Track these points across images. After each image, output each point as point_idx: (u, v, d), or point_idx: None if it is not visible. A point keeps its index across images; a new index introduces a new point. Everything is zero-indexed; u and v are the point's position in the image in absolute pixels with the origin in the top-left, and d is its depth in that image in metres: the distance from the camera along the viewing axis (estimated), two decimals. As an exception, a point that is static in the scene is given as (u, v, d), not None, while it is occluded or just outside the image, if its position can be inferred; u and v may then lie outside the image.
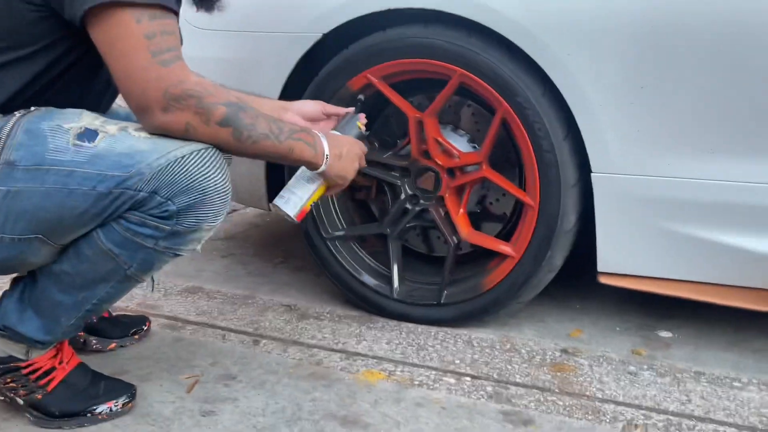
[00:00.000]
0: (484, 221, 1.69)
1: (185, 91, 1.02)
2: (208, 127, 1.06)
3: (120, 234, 1.06)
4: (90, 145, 1.03)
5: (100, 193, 1.02)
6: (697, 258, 1.37)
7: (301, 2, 1.56)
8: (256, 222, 2.51)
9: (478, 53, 1.41)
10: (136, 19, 0.99)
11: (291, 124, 1.20)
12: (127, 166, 1.02)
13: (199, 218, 1.08)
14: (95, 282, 1.11)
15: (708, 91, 1.28)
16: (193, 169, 1.04)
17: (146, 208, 1.05)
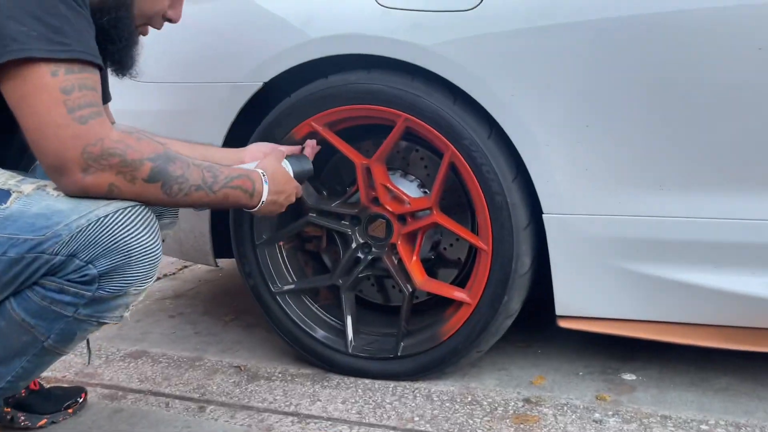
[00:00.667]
0: (440, 267, 1.64)
1: (105, 149, 0.95)
2: (135, 186, 1.00)
3: (35, 303, 0.98)
4: (2, 207, 0.95)
5: (12, 258, 0.94)
6: (655, 297, 1.34)
7: (240, 52, 1.52)
8: (206, 278, 2.42)
9: (422, 97, 1.38)
10: (51, 72, 0.92)
11: (230, 171, 1.13)
12: (42, 228, 0.94)
13: (124, 282, 1.00)
14: (9, 357, 1.01)
15: (654, 126, 1.27)
16: (117, 228, 0.97)
17: (64, 273, 0.97)
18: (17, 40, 0.90)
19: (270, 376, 1.59)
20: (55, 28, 0.92)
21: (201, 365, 1.66)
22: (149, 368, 1.66)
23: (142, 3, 1.10)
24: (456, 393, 1.47)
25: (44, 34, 0.91)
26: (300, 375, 1.59)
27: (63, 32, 0.92)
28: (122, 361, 1.70)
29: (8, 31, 0.90)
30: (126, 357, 1.73)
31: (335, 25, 1.43)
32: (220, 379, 1.58)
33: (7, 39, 0.90)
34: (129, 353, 1.75)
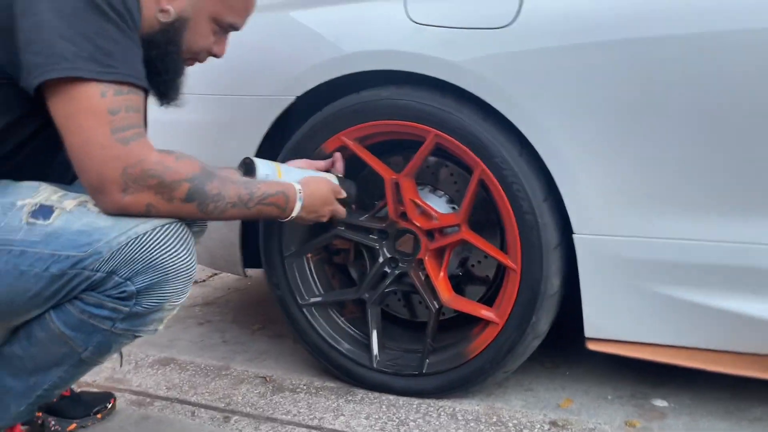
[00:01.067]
0: (467, 284, 1.63)
1: (145, 171, 0.98)
2: (172, 205, 1.02)
3: (75, 316, 1.00)
4: (44, 223, 0.97)
5: (54, 274, 0.96)
6: (687, 322, 1.31)
7: (274, 66, 1.53)
8: (236, 286, 2.44)
9: (453, 113, 1.38)
10: (101, 93, 0.95)
11: (267, 187, 1.15)
12: (83, 246, 0.96)
13: (160, 298, 1.02)
14: (47, 366, 1.03)
15: (689, 148, 1.25)
16: (155, 246, 0.99)
17: (103, 288, 0.99)
18: (67, 59, 0.92)
19: (295, 388, 1.59)
20: (105, 50, 0.94)
21: (227, 374, 1.68)
22: (177, 375, 1.68)
23: (190, 40, 1.13)
24: (481, 413, 1.45)
25: (94, 55, 0.93)
26: (324, 388, 1.59)
27: (112, 54, 0.95)
28: (151, 368, 1.73)
29: (59, 49, 0.92)
30: (155, 363, 1.75)
31: (368, 41, 1.44)
32: (245, 389, 1.59)
33: (57, 57, 0.92)
34: (158, 360, 1.78)
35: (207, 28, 1.15)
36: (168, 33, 1.10)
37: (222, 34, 1.19)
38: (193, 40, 1.14)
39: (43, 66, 0.92)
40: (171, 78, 1.13)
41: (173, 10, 1.08)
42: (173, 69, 1.12)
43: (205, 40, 1.16)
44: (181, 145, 1.20)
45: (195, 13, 1.11)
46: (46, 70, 0.92)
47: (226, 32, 1.20)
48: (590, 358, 1.67)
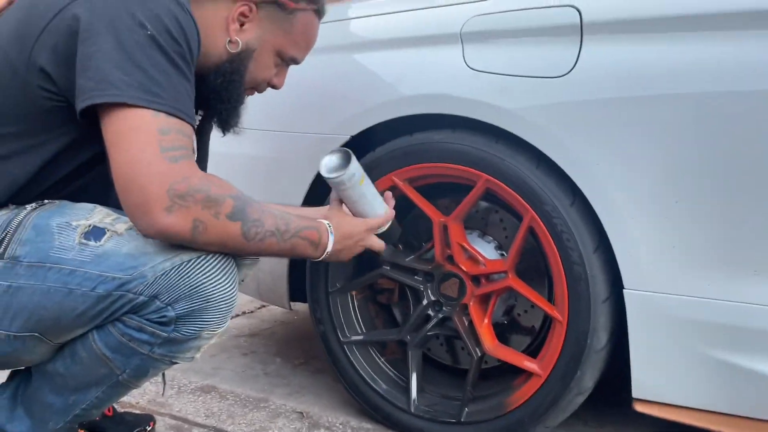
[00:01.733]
0: (512, 333, 1.59)
1: (191, 186, 0.96)
2: (219, 221, 0.99)
3: (115, 338, 1.02)
4: (95, 244, 1.00)
5: (100, 294, 0.99)
6: (744, 390, 1.24)
7: (330, 105, 1.57)
8: (283, 319, 2.46)
9: (504, 159, 1.37)
10: (153, 114, 0.96)
11: (300, 221, 1.12)
12: (130, 268, 0.99)
13: (199, 326, 1.03)
14: (87, 386, 1.06)
15: (750, 207, 1.20)
16: (198, 273, 1.01)
17: (145, 312, 1.01)
18: (117, 87, 0.95)
19: (331, 426, 1.58)
20: (157, 82, 0.96)
21: (266, 407, 1.68)
22: (216, 404, 1.69)
23: (254, 70, 1.18)
24: (519, 468, 1.40)
25: (144, 85, 0.95)
26: (361, 429, 1.57)
27: (162, 86, 0.97)
28: (192, 394, 1.75)
29: (111, 77, 0.95)
30: (196, 390, 1.78)
31: (425, 84, 1.46)
32: (282, 423, 1.59)
33: (107, 83, 0.95)
34: (199, 387, 1.80)
35: (270, 60, 1.20)
36: (234, 63, 1.15)
37: (283, 66, 1.24)
38: (256, 70, 1.18)
39: (92, 90, 0.95)
40: (233, 106, 1.18)
41: (241, 42, 1.14)
42: (236, 97, 1.17)
43: (268, 72, 1.21)
44: (235, 178, 1.21)
45: (261, 45, 1.16)
46: (94, 95, 0.95)
47: (287, 65, 1.25)
48: (638, 421, 1.60)
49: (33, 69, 1.00)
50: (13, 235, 1.02)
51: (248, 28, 1.14)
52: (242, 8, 1.12)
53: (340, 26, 1.60)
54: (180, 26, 1.00)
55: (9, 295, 1.00)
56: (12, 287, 1.00)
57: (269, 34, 1.16)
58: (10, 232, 1.02)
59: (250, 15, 1.13)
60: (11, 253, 1.01)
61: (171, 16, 0.99)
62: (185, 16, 1.01)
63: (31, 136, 1.04)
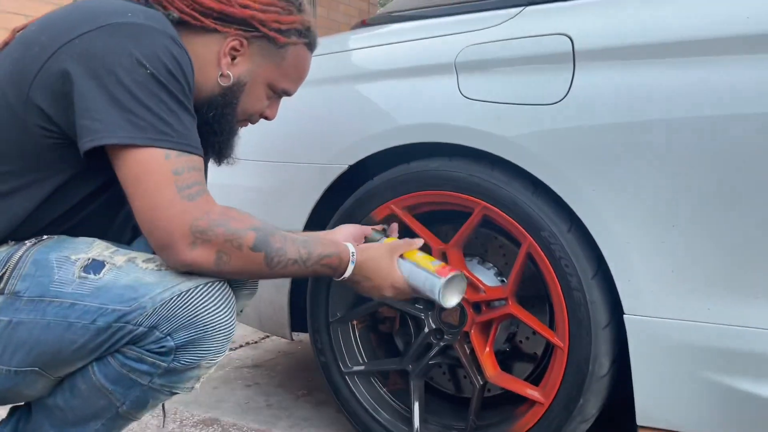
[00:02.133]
0: (515, 361, 1.58)
1: (212, 221, 1.00)
2: (242, 253, 1.03)
3: (115, 369, 1.02)
4: (95, 277, 1.01)
5: (99, 327, 0.99)
6: (750, 416, 1.22)
7: (328, 135, 1.59)
8: (286, 349, 2.45)
9: (501, 187, 1.38)
10: (165, 155, 0.99)
11: (323, 248, 1.13)
12: (129, 300, 0.99)
13: (198, 355, 1.03)
14: (87, 419, 1.06)
15: (750, 231, 1.19)
16: (196, 303, 1.01)
17: (144, 343, 1.01)
18: (123, 128, 0.97)
19: (333, 458, 1.57)
20: (162, 119, 0.99)
21: (268, 439, 1.67)
22: (218, 437, 1.68)
23: (246, 102, 1.20)
24: (523, 499, 1.38)
25: (153, 124, 0.98)
26: (363, 460, 1.55)
27: (169, 124, 0.99)
28: (194, 427, 1.74)
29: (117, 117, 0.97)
30: (198, 423, 1.76)
31: (421, 114, 1.47)
32: (283, 456, 1.57)
33: (114, 125, 0.97)
34: (202, 420, 1.79)
35: (262, 93, 1.21)
36: (226, 96, 1.16)
37: (275, 98, 1.26)
38: (248, 103, 1.20)
39: (99, 131, 0.97)
40: (226, 138, 1.19)
41: (233, 75, 1.15)
42: (228, 129, 1.18)
43: (260, 104, 1.22)
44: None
45: (252, 78, 1.18)
46: (103, 136, 0.97)
47: (279, 97, 1.26)
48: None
49: (31, 108, 1.01)
50: (13, 270, 1.02)
51: (240, 62, 1.16)
52: (233, 43, 1.14)
53: (337, 57, 1.62)
54: (177, 62, 1.01)
55: (9, 330, 1.00)
56: (12, 322, 1.00)
57: (261, 67, 1.18)
58: (10, 267, 1.03)
59: (241, 49, 1.15)
60: (11, 288, 1.01)
61: (168, 53, 1.00)
62: (180, 51, 1.03)
63: (32, 173, 1.05)
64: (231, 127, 1.20)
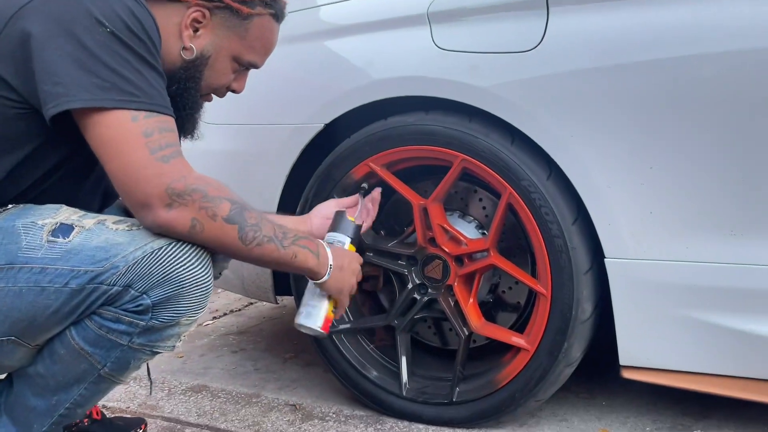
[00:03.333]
0: (499, 311, 1.60)
1: (188, 185, 0.98)
2: (215, 223, 1.01)
3: (93, 331, 1.01)
4: (64, 241, 0.99)
5: (73, 289, 0.98)
6: (729, 350, 1.25)
7: (302, 94, 1.56)
8: (270, 315, 2.45)
9: (479, 138, 1.37)
10: (132, 117, 0.96)
11: (295, 231, 1.14)
12: (101, 261, 0.98)
13: (176, 312, 1.02)
14: (69, 384, 1.05)
15: (725, 169, 1.21)
16: (170, 260, 1.00)
17: (120, 303, 1.00)
18: (89, 90, 0.94)
19: (324, 416, 1.58)
20: (127, 80, 0.96)
21: (258, 402, 1.68)
22: (208, 403, 1.68)
23: (210, 77, 1.16)
24: (513, 443, 1.41)
25: (117, 85, 0.95)
26: (354, 417, 1.57)
27: (134, 84, 0.97)
28: (183, 395, 1.74)
29: (80, 80, 0.94)
30: (187, 390, 1.77)
31: (395, 67, 1.45)
32: (275, 417, 1.58)
33: (78, 88, 0.94)
34: (190, 387, 1.79)
35: (227, 66, 1.17)
36: (189, 70, 1.12)
37: (242, 71, 1.21)
38: (213, 77, 1.16)
39: (62, 96, 0.94)
40: (189, 113, 1.16)
41: (195, 48, 1.11)
42: (191, 104, 1.15)
43: (225, 77, 1.18)
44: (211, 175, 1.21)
45: (216, 51, 1.13)
46: (68, 100, 0.94)
47: (246, 69, 1.22)
48: (629, 389, 1.62)
49: None
50: None
51: (202, 34, 1.11)
52: (195, 14, 1.10)
53: (306, 14, 1.59)
54: (137, 20, 0.98)
55: None
56: None
57: (224, 40, 1.13)
58: None
59: (203, 21, 1.10)
60: None
61: (127, 10, 0.97)
62: (141, 9, 0.99)
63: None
64: (194, 102, 1.16)
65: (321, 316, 1.26)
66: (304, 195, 1.57)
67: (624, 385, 1.61)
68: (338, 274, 1.19)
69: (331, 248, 1.20)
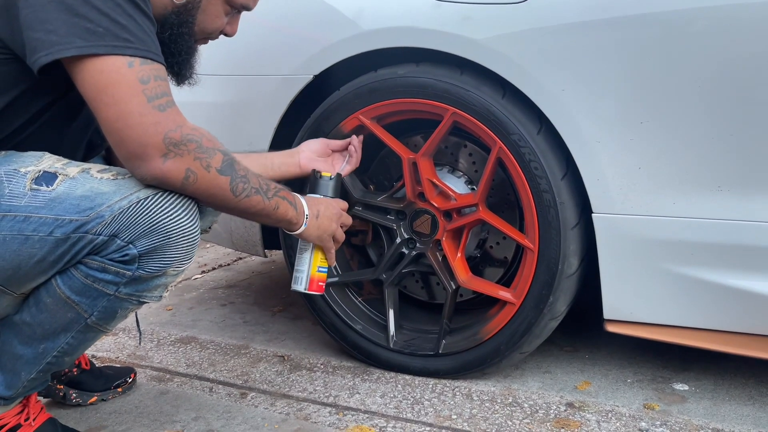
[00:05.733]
0: (486, 266, 1.61)
1: (185, 135, 0.98)
2: (209, 174, 1.02)
3: (79, 281, 1.01)
4: (47, 189, 0.98)
5: (58, 238, 0.97)
6: (710, 304, 1.27)
7: (291, 45, 1.53)
8: (259, 270, 2.46)
9: (470, 91, 1.36)
10: (128, 63, 0.95)
11: (275, 183, 1.17)
12: (86, 210, 0.97)
13: (163, 263, 1.02)
14: (55, 332, 1.05)
15: (713, 125, 1.21)
16: (157, 209, 0.99)
17: (106, 252, 1.00)
18: (83, 37, 0.92)
19: (312, 367, 1.60)
20: (121, 25, 0.94)
21: (246, 353, 1.69)
22: (197, 354, 1.70)
23: (203, 21, 1.14)
24: (497, 393, 1.44)
25: (110, 30, 0.93)
26: (341, 367, 1.59)
27: (128, 29, 0.95)
28: (172, 346, 1.75)
29: (73, 27, 0.92)
30: (176, 342, 1.78)
31: (386, 17, 1.43)
32: (263, 368, 1.60)
33: (72, 36, 0.92)
34: (179, 338, 1.80)
35: (219, 9, 1.15)
36: (181, 15, 1.10)
37: (234, 14, 1.20)
38: (205, 21, 1.14)
39: (56, 44, 0.92)
40: (184, 59, 1.14)
41: None
42: (185, 50, 1.13)
43: (218, 21, 1.16)
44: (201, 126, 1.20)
45: None
46: (61, 48, 0.92)
47: (238, 12, 1.20)
48: (612, 343, 1.65)
49: None
50: None
51: None
52: None
53: (296, -38, 1.55)
54: None
55: None
56: None
57: None
58: None
59: None
60: None
61: None
62: None
63: None
64: (189, 47, 1.14)
65: (304, 279, 1.35)
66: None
67: (606, 339, 1.64)
68: (314, 222, 1.24)
69: (306, 198, 1.25)
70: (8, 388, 1.09)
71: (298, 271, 1.36)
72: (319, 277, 1.36)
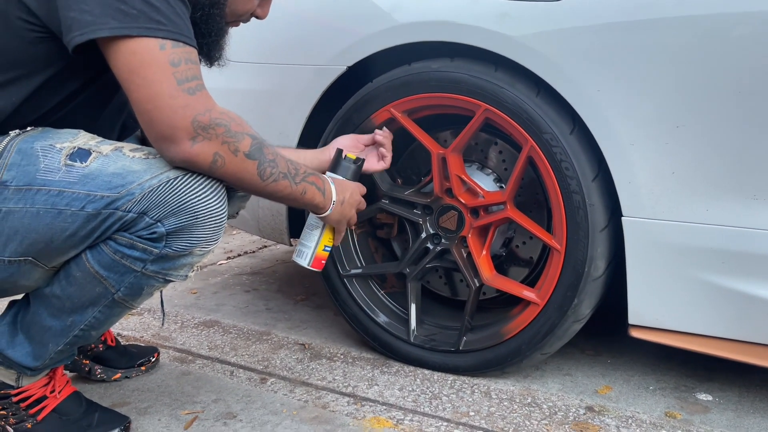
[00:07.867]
0: (511, 265, 1.60)
1: (213, 119, 1.00)
2: (236, 158, 1.03)
3: (108, 256, 1.03)
4: (81, 165, 1.01)
5: (89, 213, 0.99)
6: (739, 314, 1.25)
7: (326, 35, 1.54)
8: (284, 258, 2.48)
9: (504, 88, 1.35)
10: (160, 46, 0.96)
11: (305, 167, 1.18)
12: (117, 187, 0.99)
13: (190, 242, 1.04)
14: (83, 306, 1.07)
15: (751, 132, 1.19)
16: (186, 189, 1.01)
17: (135, 229, 1.02)
18: (116, 18, 0.94)
19: (332, 356, 1.61)
20: (154, 7, 0.96)
21: (268, 339, 1.71)
22: (219, 337, 1.72)
23: (234, 3, 1.15)
24: (516, 393, 1.43)
25: (144, 12, 0.95)
26: (361, 358, 1.60)
27: (161, 12, 0.96)
28: (195, 329, 1.78)
29: (108, 8, 0.94)
30: (199, 325, 1.80)
31: (423, 11, 1.42)
32: (284, 354, 1.62)
33: (106, 16, 0.94)
34: (203, 321, 1.83)
35: None
36: None
37: None
38: (237, 2, 1.15)
39: (91, 24, 0.93)
40: (215, 40, 1.15)
41: None
42: (216, 31, 1.14)
43: (250, 3, 1.17)
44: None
45: None
46: (95, 29, 0.94)
47: None
48: (635, 349, 1.63)
49: (12, 1, 0.97)
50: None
51: None
52: None
53: (335, -48, 1.55)
54: None
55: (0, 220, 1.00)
56: (2, 212, 1.00)
57: None
58: None
59: None
60: None
61: None
62: None
63: (16, 68, 1.03)
64: (220, 28, 1.15)
65: (309, 255, 1.36)
66: (323, 138, 1.56)
67: (630, 345, 1.62)
68: (339, 208, 1.26)
69: (335, 183, 1.25)
70: (36, 359, 1.11)
71: (304, 245, 1.36)
72: (323, 255, 1.37)
